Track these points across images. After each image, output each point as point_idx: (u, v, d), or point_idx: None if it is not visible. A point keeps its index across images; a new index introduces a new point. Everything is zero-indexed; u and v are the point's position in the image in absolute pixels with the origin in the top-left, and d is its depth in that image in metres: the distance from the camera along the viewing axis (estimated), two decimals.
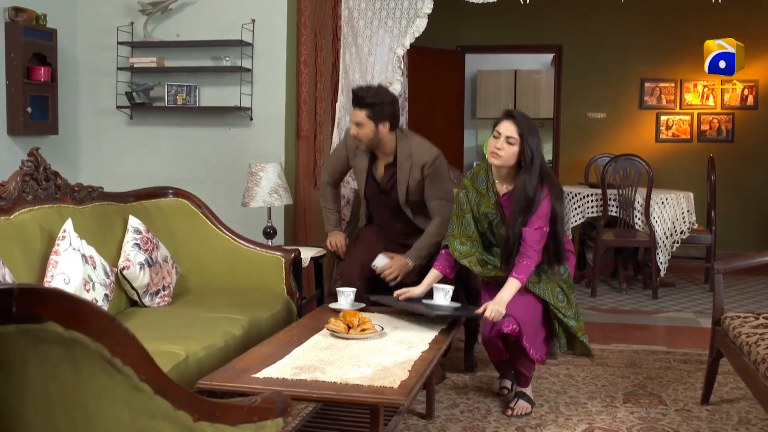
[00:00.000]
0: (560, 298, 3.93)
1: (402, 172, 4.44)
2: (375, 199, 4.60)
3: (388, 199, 4.53)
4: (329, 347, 3.15)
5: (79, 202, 3.87)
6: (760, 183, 9.33)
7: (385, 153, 4.48)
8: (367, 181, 4.57)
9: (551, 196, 3.83)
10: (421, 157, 4.41)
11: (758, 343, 3.36)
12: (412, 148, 4.42)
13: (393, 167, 4.48)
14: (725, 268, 4.03)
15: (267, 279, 4.41)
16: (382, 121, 4.34)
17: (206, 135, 5.90)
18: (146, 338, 3.26)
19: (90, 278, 3.42)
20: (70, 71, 5.91)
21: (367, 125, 4.34)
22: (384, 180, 4.52)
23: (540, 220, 3.80)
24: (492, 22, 9.64)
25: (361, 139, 4.39)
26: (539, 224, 3.79)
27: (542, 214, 3.80)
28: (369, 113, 4.32)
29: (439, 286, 3.88)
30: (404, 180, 4.44)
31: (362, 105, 4.32)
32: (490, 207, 3.93)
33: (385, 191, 4.53)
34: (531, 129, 3.80)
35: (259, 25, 5.71)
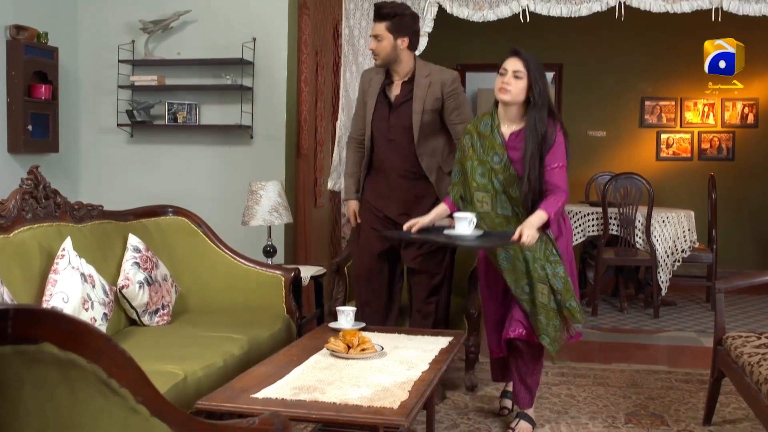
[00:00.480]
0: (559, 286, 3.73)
1: (419, 89, 4.26)
2: (383, 127, 4.30)
3: (398, 122, 4.27)
4: (329, 367, 3.13)
5: (79, 220, 3.86)
6: (761, 201, 9.32)
7: (402, 73, 4.31)
8: (377, 106, 4.32)
9: (563, 132, 3.77)
10: (441, 75, 4.29)
11: (761, 364, 3.34)
12: (431, 68, 4.33)
13: (410, 85, 4.29)
14: (727, 288, 4.01)
15: (267, 298, 4.40)
16: (402, 35, 4.21)
17: (207, 153, 5.90)
18: (144, 358, 3.27)
19: (89, 297, 3.40)
20: (71, 89, 5.91)
21: (386, 38, 4.20)
22: (399, 97, 4.30)
23: (559, 158, 3.71)
24: (492, 41, 9.63)
25: (379, 53, 4.24)
26: (558, 162, 3.70)
27: (559, 150, 3.72)
28: (388, 25, 4.19)
29: (460, 215, 3.60)
30: (422, 96, 4.24)
31: (382, 17, 4.20)
32: (495, 148, 3.76)
33: (397, 112, 4.29)
34: (537, 66, 3.74)
35: (260, 43, 5.73)
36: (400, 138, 4.29)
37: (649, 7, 5.31)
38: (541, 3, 5.39)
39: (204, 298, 4.41)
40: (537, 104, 3.69)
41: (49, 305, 3.22)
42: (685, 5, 5.28)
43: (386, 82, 4.33)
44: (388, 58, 4.25)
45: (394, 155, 4.32)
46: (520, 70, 3.71)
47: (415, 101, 4.25)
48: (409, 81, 4.30)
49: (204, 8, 5.82)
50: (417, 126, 4.24)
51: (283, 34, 5.76)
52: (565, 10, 5.38)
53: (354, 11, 5.62)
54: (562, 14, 5.40)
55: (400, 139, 4.29)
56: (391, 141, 4.30)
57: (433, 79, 4.27)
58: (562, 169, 3.72)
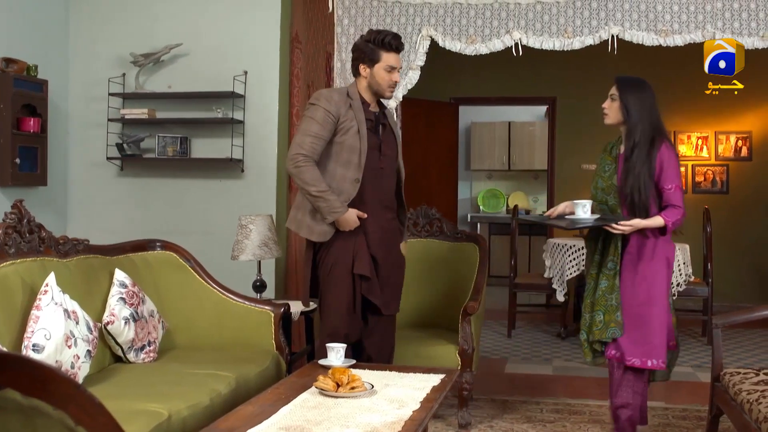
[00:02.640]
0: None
1: (389, 118, 4.30)
2: (373, 156, 4.10)
3: (387, 150, 4.20)
4: (317, 406, 3.05)
5: (64, 255, 3.79)
6: (756, 234, 9.29)
7: (374, 103, 4.24)
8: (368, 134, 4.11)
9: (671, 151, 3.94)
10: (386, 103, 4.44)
11: (759, 401, 3.27)
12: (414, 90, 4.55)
13: (382, 114, 4.26)
14: (724, 323, 3.95)
15: (256, 334, 4.31)
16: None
17: (197, 187, 5.85)
18: (128, 396, 3.20)
19: (72, 334, 3.32)
20: (61, 122, 5.87)
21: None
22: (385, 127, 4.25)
23: (671, 179, 3.87)
24: (486, 74, 9.68)
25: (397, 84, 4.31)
26: (672, 183, 3.86)
27: (670, 171, 3.87)
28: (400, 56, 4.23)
29: (577, 202, 4.09)
30: (394, 123, 4.34)
31: (401, 49, 4.18)
32: (609, 163, 4.17)
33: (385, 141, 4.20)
34: (631, 85, 4.04)
35: (251, 77, 5.70)
36: (388, 167, 4.21)
37: (642, 41, 5.30)
38: (533, 36, 5.37)
39: (192, 335, 4.32)
40: (630, 122, 3.95)
41: (31, 342, 3.14)
42: (677, 39, 5.28)
43: (369, 108, 4.18)
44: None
45: (380, 186, 4.17)
46: (614, 93, 4.03)
47: (395, 127, 4.31)
48: (380, 111, 4.26)
49: (195, 41, 5.79)
50: (400, 154, 4.31)
51: (275, 68, 5.73)
52: (558, 44, 5.37)
53: (346, 45, 5.60)
54: (554, 47, 5.38)
55: (388, 168, 4.21)
56: (381, 170, 4.16)
57: (387, 109, 4.38)
58: (677, 189, 3.88)
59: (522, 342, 7.36)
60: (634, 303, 3.90)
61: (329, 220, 4.00)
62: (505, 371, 6.13)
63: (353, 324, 4.14)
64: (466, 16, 5.44)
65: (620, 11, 5.31)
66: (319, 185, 3.97)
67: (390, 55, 4.09)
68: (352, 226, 4.04)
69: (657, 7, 5.28)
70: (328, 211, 3.98)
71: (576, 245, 7.26)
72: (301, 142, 4.00)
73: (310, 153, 3.99)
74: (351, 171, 4.04)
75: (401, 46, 4.16)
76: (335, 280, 4.11)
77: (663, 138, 3.95)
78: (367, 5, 5.56)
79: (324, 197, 3.97)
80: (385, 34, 4.10)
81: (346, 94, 4.13)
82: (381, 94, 4.17)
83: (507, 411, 4.89)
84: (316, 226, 4.07)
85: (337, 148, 4.05)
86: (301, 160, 3.97)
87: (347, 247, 4.08)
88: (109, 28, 5.94)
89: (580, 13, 5.36)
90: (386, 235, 4.21)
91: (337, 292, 4.12)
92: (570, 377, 5.96)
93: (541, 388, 5.55)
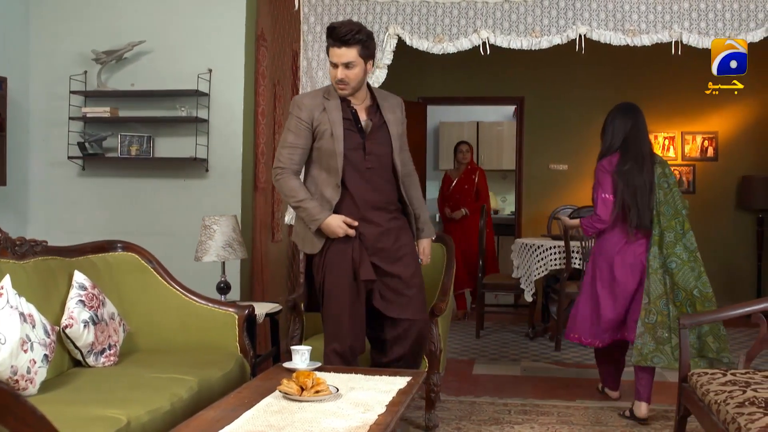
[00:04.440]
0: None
1: (389, 112, 4.03)
2: (356, 158, 3.93)
3: (374, 149, 3.96)
4: (281, 411, 2.99)
5: (21, 256, 3.68)
6: (722, 234, 9.34)
7: (361, 98, 4.00)
8: (346, 134, 3.93)
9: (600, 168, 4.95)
10: (394, 99, 4.13)
11: (727, 402, 3.25)
12: (380, 91, 4.12)
13: (375, 109, 4.01)
14: (691, 323, 3.94)
15: (220, 336, 4.22)
16: (370, 58, 3.94)
17: (161, 187, 5.75)
18: (86, 402, 3.11)
19: (28, 338, 3.22)
20: (21, 120, 5.74)
21: (359, 65, 3.86)
22: (373, 123, 3.99)
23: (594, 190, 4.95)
24: (454, 74, 9.65)
25: (350, 82, 3.87)
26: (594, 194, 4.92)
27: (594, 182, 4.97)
28: (360, 51, 3.84)
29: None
30: (394, 120, 4.04)
31: (351, 42, 3.81)
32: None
33: (372, 139, 3.97)
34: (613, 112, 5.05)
35: (215, 75, 5.61)
36: (379, 166, 3.98)
37: (609, 40, 5.29)
38: (501, 35, 5.34)
39: (154, 337, 4.23)
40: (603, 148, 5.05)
41: None
42: (645, 38, 5.27)
43: (351, 108, 3.98)
44: (357, 86, 3.93)
45: (371, 186, 3.97)
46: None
47: (392, 125, 4.01)
48: (373, 105, 4.03)
49: (158, 39, 5.69)
50: (397, 152, 4.02)
51: (240, 66, 5.65)
52: (526, 43, 5.33)
53: (312, 43, 5.53)
54: (522, 47, 5.35)
55: (378, 168, 3.98)
56: (369, 170, 3.95)
57: (391, 102, 4.09)
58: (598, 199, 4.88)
59: (490, 343, 7.33)
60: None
61: (312, 228, 3.92)
62: (473, 372, 6.09)
63: (356, 333, 3.98)
64: (434, 15, 5.39)
65: (588, 11, 5.30)
66: (298, 194, 3.92)
67: (332, 50, 3.85)
68: (339, 233, 3.89)
69: (624, 6, 5.27)
70: (309, 220, 3.91)
71: (544, 245, 7.25)
72: (279, 155, 4.01)
73: (287, 164, 3.95)
74: (332, 176, 3.93)
75: (347, 41, 3.81)
76: (332, 289, 3.97)
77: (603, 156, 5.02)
78: (333, 3, 5.49)
79: (302, 206, 3.91)
80: (332, 27, 3.86)
81: (322, 94, 4.00)
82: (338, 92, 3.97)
83: (474, 412, 4.85)
84: (308, 237, 4.00)
85: (317, 153, 3.98)
86: (279, 172, 3.97)
87: (344, 252, 3.93)
88: (70, 24, 5.82)
89: (547, 13, 5.34)
90: (386, 237, 3.99)
91: (335, 301, 3.97)
92: (538, 378, 5.94)
93: (509, 388, 5.52)
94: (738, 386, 3.41)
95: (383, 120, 4.01)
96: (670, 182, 4.84)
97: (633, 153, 4.83)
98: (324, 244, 3.96)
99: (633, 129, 4.87)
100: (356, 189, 3.95)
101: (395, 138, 4.01)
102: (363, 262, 3.93)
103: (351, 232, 3.91)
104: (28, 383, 3.19)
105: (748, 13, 5.22)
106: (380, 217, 3.99)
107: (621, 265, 4.82)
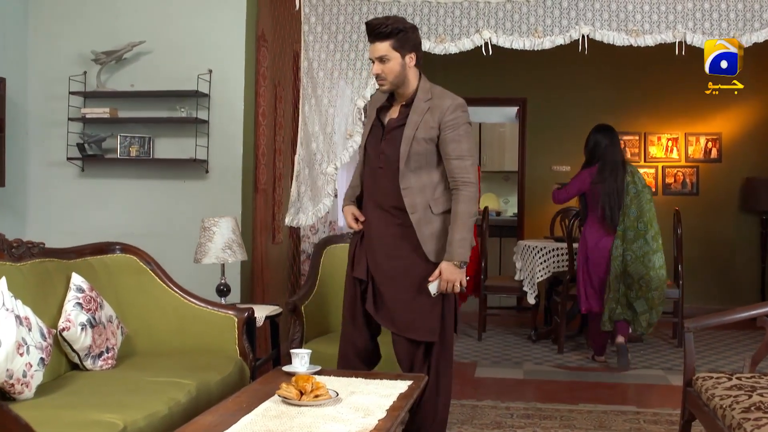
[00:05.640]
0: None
1: (415, 114, 3.75)
2: (373, 154, 3.86)
3: (388, 149, 3.79)
4: (279, 415, 2.94)
5: (17, 259, 3.64)
6: (725, 236, 9.29)
7: (405, 95, 3.81)
8: (372, 130, 3.87)
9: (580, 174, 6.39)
10: (442, 101, 3.77)
11: (733, 407, 3.20)
12: (434, 90, 3.81)
13: (407, 108, 3.80)
14: (696, 327, 3.89)
15: (219, 339, 4.18)
16: (409, 51, 3.74)
17: (160, 188, 5.71)
18: (82, 406, 3.07)
19: (24, 341, 3.18)
20: (19, 121, 5.70)
21: (394, 58, 3.70)
22: (393, 122, 3.82)
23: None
24: (456, 75, 9.58)
25: (387, 76, 3.73)
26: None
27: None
28: (394, 43, 3.68)
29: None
30: (415, 121, 3.73)
31: (383, 36, 3.68)
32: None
33: (388, 138, 3.81)
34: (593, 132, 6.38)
35: (216, 75, 5.57)
36: (388, 167, 3.79)
37: (612, 41, 5.24)
38: (503, 36, 5.30)
39: (152, 340, 4.19)
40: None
41: None
42: (648, 39, 5.22)
43: (385, 104, 3.87)
44: (396, 81, 3.75)
45: (378, 186, 3.84)
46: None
47: (408, 127, 3.74)
48: (407, 104, 3.81)
49: (158, 39, 5.65)
50: (405, 155, 3.72)
51: (240, 66, 5.60)
52: (528, 43, 5.29)
53: (313, 43, 5.49)
54: (524, 47, 5.31)
55: (387, 169, 3.79)
56: (380, 169, 3.82)
57: (433, 104, 3.77)
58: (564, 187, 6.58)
59: (492, 345, 7.29)
60: None
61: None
62: (475, 375, 6.05)
63: (356, 332, 3.92)
64: (435, 15, 5.35)
65: (591, 10, 5.25)
66: (351, 181, 4.11)
67: (370, 47, 3.78)
68: (349, 223, 3.96)
69: (628, 6, 5.22)
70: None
71: (547, 247, 7.21)
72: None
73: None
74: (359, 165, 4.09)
75: (378, 34, 3.70)
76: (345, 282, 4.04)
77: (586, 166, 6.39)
78: (334, 3, 5.45)
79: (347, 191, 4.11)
80: (367, 23, 3.77)
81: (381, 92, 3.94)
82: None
83: (476, 416, 4.81)
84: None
85: None
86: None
87: (350, 248, 4.00)
88: (69, 24, 5.78)
89: (550, 13, 5.30)
90: (383, 241, 3.82)
91: (344, 295, 4.02)
92: (541, 381, 5.90)
93: (512, 392, 5.48)
94: (744, 391, 3.36)
95: (405, 121, 3.79)
96: (639, 188, 6.19)
97: (609, 165, 6.18)
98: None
99: (609, 146, 6.26)
100: (367, 186, 3.92)
101: (405, 141, 3.73)
102: (359, 259, 3.89)
103: (354, 226, 3.91)
104: (24, 387, 3.15)
105: (753, 13, 5.18)
106: (380, 219, 3.84)
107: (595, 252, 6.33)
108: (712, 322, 4.05)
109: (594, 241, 6.29)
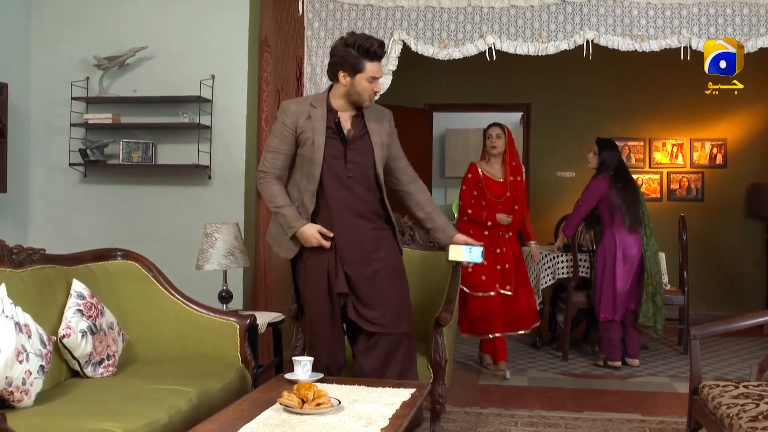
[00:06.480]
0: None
1: (372, 122, 3.99)
2: (337, 166, 3.91)
3: (356, 158, 3.94)
4: (281, 424, 2.91)
5: (18, 265, 3.61)
6: (731, 242, 9.25)
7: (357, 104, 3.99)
8: (328, 142, 3.89)
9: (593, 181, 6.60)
10: (380, 109, 4.10)
11: (740, 416, 3.16)
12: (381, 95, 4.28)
13: (360, 119, 3.98)
14: (702, 334, 3.85)
15: (220, 346, 4.15)
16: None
17: (163, 194, 5.69)
18: (82, 414, 3.04)
19: (24, 348, 3.16)
20: (21, 126, 5.69)
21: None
22: (355, 132, 3.95)
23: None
24: (460, 81, 9.58)
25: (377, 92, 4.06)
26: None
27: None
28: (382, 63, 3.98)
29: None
30: (378, 129, 3.99)
31: (382, 56, 3.91)
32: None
33: (353, 148, 3.93)
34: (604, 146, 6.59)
35: (218, 81, 5.56)
36: (361, 175, 3.96)
37: (617, 46, 5.22)
38: (507, 41, 5.28)
39: (153, 347, 4.16)
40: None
41: None
42: (653, 44, 5.20)
43: (335, 117, 3.95)
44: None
45: (353, 194, 3.95)
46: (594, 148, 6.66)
47: (374, 134, 3.97)
48: (358, 115, 3.99)
49: (161, 45, 5.64)
50: (381, 160, 4.00)
51: (243, 72, 5.59)
52: (532, 48, 5.27)
53: (316, 49, 5.48)
54: (528, 52, 5.29)
55: (360, 176, 3.96)
56: (350, 179, 3.93)
57: (378, 112, 4.05)
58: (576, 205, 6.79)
59: None
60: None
61: (289, 235, 3.93)
62: (479, 382, 6.01)
63: (334, 347, 3.99)
64: (439, 20, 5.33)
65: (595, 16, 5.23)
66: (277, 200, 3.95)
67: (374, 64, 3.85)
68: (313, 243, 3.88)
69: (632, 11, 5.20)
70: (286, 226, 3.94)
71: (551, 253, 7.17)
72: (263, 159, 4.05)
73: (270, 168, 3.99)
74: (311, 183, 3.92)
75: (383, 54, 3.92)
76: (310, 301, 4.01)
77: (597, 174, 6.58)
78: (338, 8, 5.44)
79: (280, 212, 3.95)
80: (370, 43, 3.82)
81: (309, 103, 3.99)
82: (359, 104, 3.95)
83: (481, 424, 4.77)
84: (285, 241, 4.00)
85: (300, 160, 3.99)
86: (261, 176, 4.02)
87: (319, 264, 3.94)
88: (71, 29, 5.77)
89: (554, 18, 5.27)
90: (362, 247, 3.95)
91: (313, 312, 4.02)
92: (545, 388, 5.85)
93: (516, 400, 5.44)
94: (751, 399, 3.33)
95: (366, 129, 3.98)
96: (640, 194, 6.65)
97: (622, 175, 6.52)
98: (300, 251, 3.97)
99: (620, 158, 6.66)
100: (335, 197, 3.94)
101: (377, 148, 3.98)
102: (338, 275, 3.92)
103: (325, 243, 3.89)
104: (23, 395, 3.12)
105: (758, 17, 5.15)
106: (360, 226, 3.96)
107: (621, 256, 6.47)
108: (718, 330, 4.01)
109: (625, 245, 6.45)
